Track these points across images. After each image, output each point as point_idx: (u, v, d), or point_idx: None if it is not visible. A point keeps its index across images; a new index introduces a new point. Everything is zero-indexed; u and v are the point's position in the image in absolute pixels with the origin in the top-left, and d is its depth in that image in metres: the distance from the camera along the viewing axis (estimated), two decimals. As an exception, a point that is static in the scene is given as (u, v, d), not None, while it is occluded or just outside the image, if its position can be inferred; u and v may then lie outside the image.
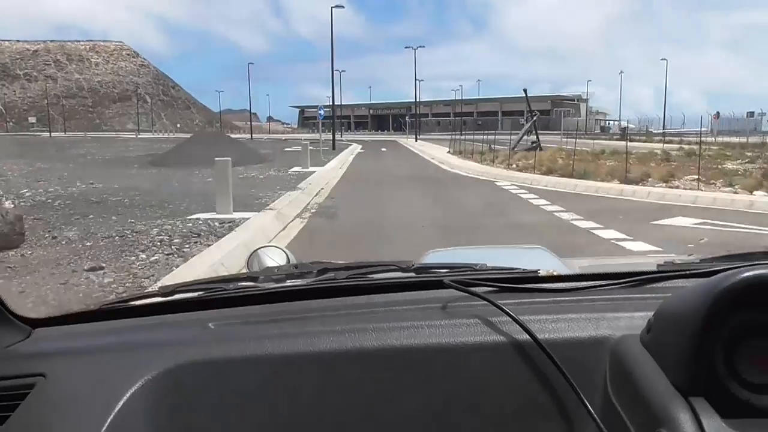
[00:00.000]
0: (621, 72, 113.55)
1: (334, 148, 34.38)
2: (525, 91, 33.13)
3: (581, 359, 0.89)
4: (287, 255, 1.52)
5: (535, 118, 30.67)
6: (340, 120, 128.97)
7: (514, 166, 21.31)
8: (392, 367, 0.91)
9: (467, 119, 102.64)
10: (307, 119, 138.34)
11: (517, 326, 0.91)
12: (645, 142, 41.23)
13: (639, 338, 0.85)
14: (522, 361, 0.90)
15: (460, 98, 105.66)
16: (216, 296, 1.14)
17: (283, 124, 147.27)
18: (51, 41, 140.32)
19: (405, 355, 0.91)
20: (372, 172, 21.54)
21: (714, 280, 0.72)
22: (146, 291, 1.46)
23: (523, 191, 15.07)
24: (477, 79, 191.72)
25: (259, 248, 1.56)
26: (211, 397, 0.90)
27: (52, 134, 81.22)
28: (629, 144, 22.06)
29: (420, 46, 59.26)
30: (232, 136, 39.90)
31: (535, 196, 13.81)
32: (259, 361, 0.91)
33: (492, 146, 27.30)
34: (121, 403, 0.85)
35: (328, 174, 19.18)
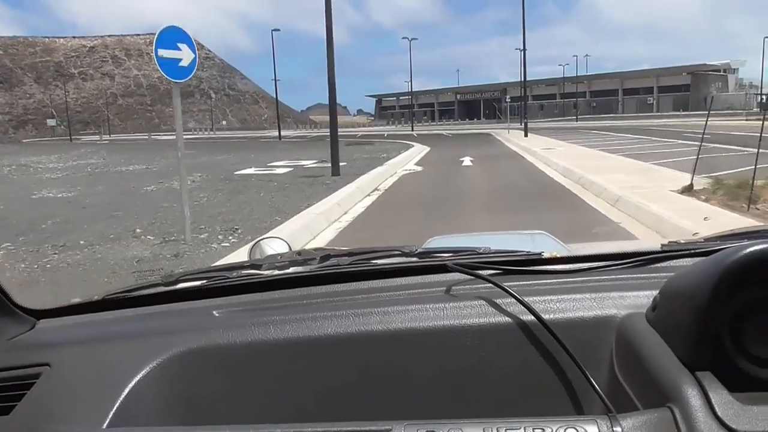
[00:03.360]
0: (766, 37, 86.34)
1: (336, 174, 13.88)
2: None
3: (586, 338, 0.89)
4: (289, 245, 1.53)
5: None
6: (423, 109, 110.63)
7: None
8: (397, 350, 0.90)
9: (578, 101, 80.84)
10: (384, 109, 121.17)
11: (522, 307, 0.91)
12: None
13: (644, 316, 0.85)
14: (528, 342, 0.90)
15: (574, 74, 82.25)
16: (219, 284, 1.13)
17: (369, 116, 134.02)
18: (109, 36, 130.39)
19: (410, 338, 0.91)
20: None
21: (719, 256, 0.72)
22: (149, 281, 1.20)
23: None
24: (566, 61, 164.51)
25: (261, 239, 1.57)
26: (217, 384, 0.89)
27: (73, 138, 67.90)
28: None
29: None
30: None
31: None
32: (263, 347, 0.91)
33: None
34: (126, 390, 0.84)
35: None
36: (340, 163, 17.08)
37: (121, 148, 36.61)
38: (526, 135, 30.39)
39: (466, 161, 17.80)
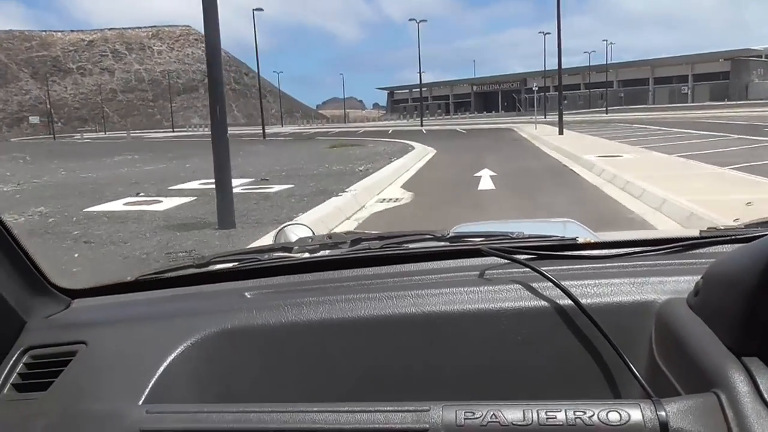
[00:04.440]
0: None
1: (228, 224, 6.65)
2: None
3: (625, 323, 0.88)
4: (312, 232, 1.53)
5: None
6: (437, 102, 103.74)
7: None
8: (431, 333, 0.91)
9: (607, 91, 73.55)
10: (396, 102, 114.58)
11: (560, 291, 0.91)
12: None
13: (686, 301, 0.85)
14: (565, 326, 0.90)
15: (605, 62, 74.89)
16: (251, 266, 1.15)
17: (382, 110, 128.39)
18: (109, 29, 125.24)
19: (444, 321, 0.91)
20: None
21: (766, 241, 0.70)
22: (181, 263, 1.24)
23: None
24: (584, 51, 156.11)
25: (285, 225, 1.58)
26: (250, 364, 0.91)
27: (64, 136, 62.76)
28: None
29: None
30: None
31: None
32: (296, 328, 0.92)
33: None
34: (161, 369, 0.86)
35: None
36: (281, 187, 10.82)
37: (69, 151, 30.85)
38: (561, 132, 23.79)
39: (485, 180, 11.31)
